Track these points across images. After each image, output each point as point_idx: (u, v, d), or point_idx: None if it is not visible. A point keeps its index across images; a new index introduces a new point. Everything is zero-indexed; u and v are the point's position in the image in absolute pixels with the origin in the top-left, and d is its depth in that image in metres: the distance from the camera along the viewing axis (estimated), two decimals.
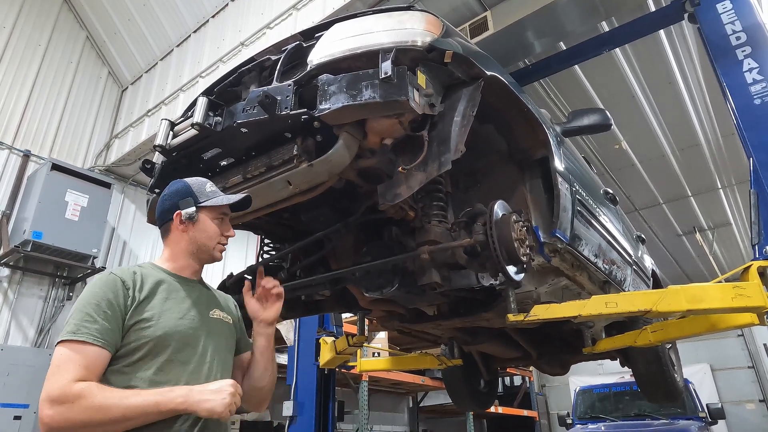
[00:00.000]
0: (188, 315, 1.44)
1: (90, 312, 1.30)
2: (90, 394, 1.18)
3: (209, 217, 1.54)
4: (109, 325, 1.30)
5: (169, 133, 1.91)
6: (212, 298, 1.61)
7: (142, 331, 1.33)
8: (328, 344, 3.92)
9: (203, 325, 1.47)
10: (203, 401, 1.25)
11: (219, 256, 1.56)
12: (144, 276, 1.46)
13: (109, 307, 1.32)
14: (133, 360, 1.32)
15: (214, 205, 1.54)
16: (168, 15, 6.94)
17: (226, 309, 1.63)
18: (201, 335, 1.44)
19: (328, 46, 1.77)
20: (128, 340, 1.33)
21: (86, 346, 1.25)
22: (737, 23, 3.37)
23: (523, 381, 10.01)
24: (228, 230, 1.58)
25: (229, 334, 1.57)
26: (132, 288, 1.39)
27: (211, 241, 1.54)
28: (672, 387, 3.51)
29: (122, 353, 1.32)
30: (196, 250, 1.54)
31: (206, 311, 1.52)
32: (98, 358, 1.26)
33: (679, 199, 8.06)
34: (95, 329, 1.27)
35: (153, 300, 1.40)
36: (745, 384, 9.98)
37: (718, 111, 6.19)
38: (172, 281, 1.50)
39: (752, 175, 2.90)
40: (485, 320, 2.56)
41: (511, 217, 1.84)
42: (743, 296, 2.02)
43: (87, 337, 1.25)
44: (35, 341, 5.98)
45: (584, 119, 2.80)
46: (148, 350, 1.33)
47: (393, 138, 1.77)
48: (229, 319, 1.60)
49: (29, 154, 6.56)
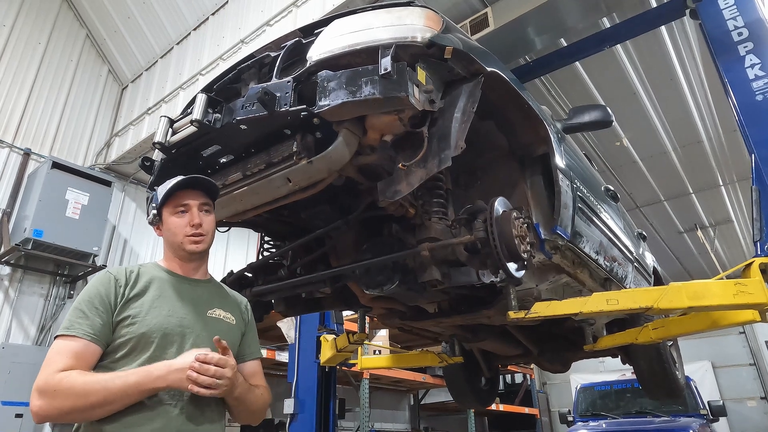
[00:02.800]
0: (178, 313, 1.43)
1: (83, 309, 1.35)
2: (70, 380, 1.23)
3: (168, 213, 1.54)
4: (101, 321, 1.34)
5: (169, 130, 1.90)
6: (216, 297, 1.58)
7: (127, 327, 1.36)
8: (329, 342, 3.92)
9: (196, 323, 1.45)
10: (181, 378, 1.27)
11: (192, 248, 1.52)
12: (140, 273, 1.47)
13: (100, 303, 1.36)
14: (118, 356, 1.34)
15: (160, 200, 1.53)
16: (168, 13, 6.93)
17: (232, 309, 1.60)
18: (191, 333, 1.42)
19: (327, 42, 1.76)
20: (116, 336, 1.36)
21: (77, 341, 1.30)
22: (739, 19, 3.35)
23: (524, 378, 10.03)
24: (192, 220, 1.51)
25: (229, 333, 1.53)
26: (124, 285, 1.42)
27: (176, 237, 1.52)
28: (673, 384, 3.51)
29: (110, 349, 1.35)
30: (171, 247, 1.55)
31: (204, 310, 1.50)
32: (87, 352, 1.30)
33: (680, 196, 8.05)
34: (87, 324, 1.32)
35: (143, 297, 1.42)
36: (746, 381, 9.98)
37: (719, 107, 6.17)
38: (169, 279, 1.51)
39: (754, 171, 2.89)
40: (486, 317, 2.55)
41: (512, 214, 1.84)
42: (745, 293, 2.01)
43: (77, 332, 1.31)
44: (36, 339, 5.98)
45: (585, 116, 2.79)
46: (131, 347, 1.34)
47: (393, 134, 1.76)
48: (231, 319, 1.56)
49: (30, 152, 6.55)
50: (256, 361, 1.63)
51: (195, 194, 1.55)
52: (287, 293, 2.50)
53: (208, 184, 1.59)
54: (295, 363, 5.00)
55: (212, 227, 1.58)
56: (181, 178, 1.54)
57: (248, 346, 1.62)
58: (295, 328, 5.15)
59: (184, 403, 1.34)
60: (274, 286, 2.39)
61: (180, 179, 1.53)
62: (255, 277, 2.53)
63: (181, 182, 1.52)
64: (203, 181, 1.58)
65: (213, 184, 1.61)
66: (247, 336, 1.62)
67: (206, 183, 1.58)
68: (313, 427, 4.63)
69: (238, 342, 1.57)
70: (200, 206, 1.55)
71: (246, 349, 1.60)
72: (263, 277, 2.51)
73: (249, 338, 1.63)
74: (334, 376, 4.99)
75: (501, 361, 4.30)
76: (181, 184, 1.53)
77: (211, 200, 1.61)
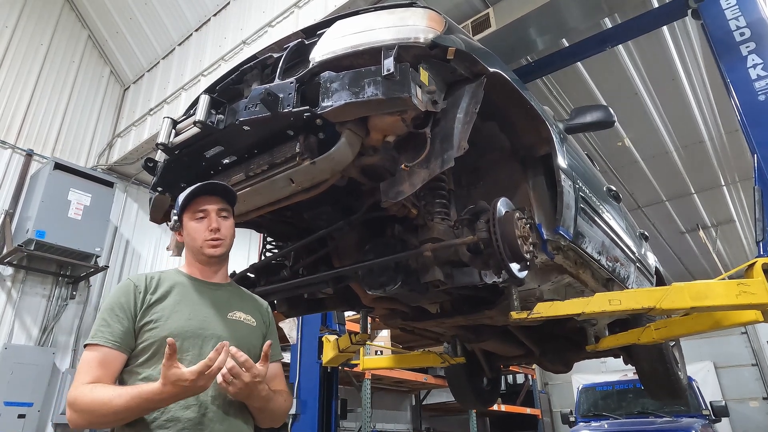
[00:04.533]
0: (199, 316, 1.46)
1: (105, 317, 1.41)
2: (83, 396, 1.28)
3: (188, 218, 1.58)
4: (122, 327, 1.39)
5: (172, 131, 1.91)
6: (236, 300, 1.61)
7: (150, 332, 1.40)
8: (331, 342, 3.93)
9: (217, 325, 1.48)
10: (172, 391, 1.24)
11: (210, 252, 1.56)
12: (161, 279, 1.52)
13: (121, 310, 1.41)
14: (142, 360, 1.39)
15: (180, 206, 1.57)
16: (170, 13, 6.94)
17: (252, 311, 1.62)
18: (212, 336, 1.44)
19: (330, 43, 1.77)
20: (140, 341, 1.40)
21: (101, 349, 1.36)
22: (741, 19, 3.35)
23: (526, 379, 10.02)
24: (210, 224, 1.55)
25: (250, 335, 1.56)
26: (144, 291, 1.46)
27: (196, 242, 1.56)
28: (675, 385, 3.50)
29: (135, 353, 1.40)
30: (192, 252, 1.60)
31: (224, 312, 1.53)
32: (111, 359, 1.36)
33: (682, 196, 8.04)
34: (108, 332, 1.37)
35: (164, 301, 1.46)
36: (748, 381, 9.95)
37: (721, 107, 6.16)
38: (190, 284, 1.55)
39: (756, 171, 2.89)
40: (488, 318, 2.55)
41: (514, 215, 1.84)
42: (747, 293, 2.01)
43: (101, 341, 1.37)
44: (39, 340, 5.99)
45: (587, 116, 2.79)
46: (154, 350, 1.38)
47: (395, 135, 1.76)
48: (251, 321, 1.59)
49: (32, 153, 6.57)
50: (277, 364, 1.65)
51: (213, 200, 1.59)
52: (289, 294, 2.50)
53: (227, 191, 1.63)
54: (297, 363, 5.01)
55: (230, 232, 1.61)
56: (200, 184, 1.58)
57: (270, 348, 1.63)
58: (297, 329, 5.16)
59: (206, 409, 1.36)
60: (277, 287, 2.39)
61: (199, 185, 1.58)
62: (257, 278, 2.53)
63: (199, 188, 1.57)
64: (221, 187, 1.62)
65: (231, 191, 1.65)
66: (267, 338, 1.63)
67: (224, 189, 1.63)
68: (315, 427, 4.63)
69: (259, 344, 1.56)
70: (218, 211, 1.59)
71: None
72: (266, 278, 2.52)
73: (270, 340, 1.64)
74: (336, 377, 5.00)
75: (503, 361, 4.29)
76: (199, 190, 1.57)
77: (230, 206, 1.64)
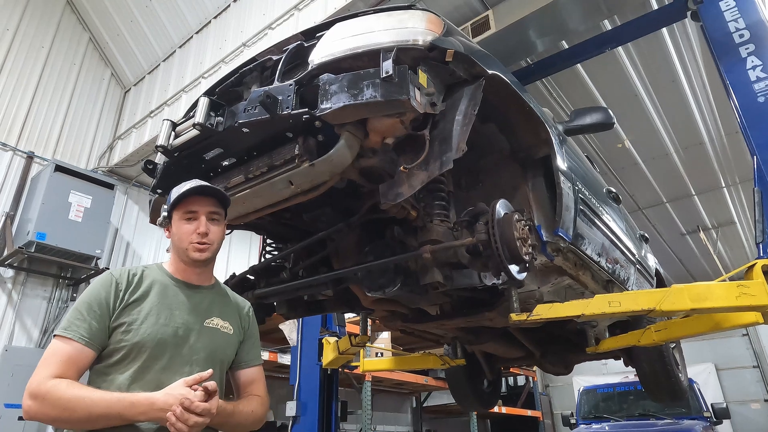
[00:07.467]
0: (175, 321, 1.42)
1: (82, 310, 1.36)
2: (59, 391, 1.24)
3: (177, 217, 1.52)
4: (97, 324, 1.35)
5: (171, 133, 1.91)
6: (216, 305, 1.56)
7: (123, 334, 1.36)
8: (331, 344, 3.92)
9: (192, 332, 1.44)
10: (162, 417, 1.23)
11: (195, 255, 1.49)
12: (143, 277, 1.47)
13: (99, 306, 1.37)
14: (112, 362, 1.35)
15: (171, 204, 1.51)
16: (170, 16, 6.95)
17: (231, 317, 1.57)
18: (185, 343, 1.42)
19: (329, 45, 1.77)
20: (111, 341, 1.36)
21: (72, 343, 1.32)
22: (740, 20, 3.35)
23: (527, 381, 9.99)
24: (198, 227, 1.49)
25: (225, 344, 1.51)
26: (125, 288, 1.42)
27: (182, 242, 1.50)
28: (676, 386, 3.49)
29: (105, 353, 1.36)
30: (177, 251, 1.54)
31: (201, 319, 1.49)
32: (80, 356, 1.32)
33: (682, 197, 8.03)
34: (83, 328, 1.33)
35: (143, 303, 1.42)
36: (750, 383, 9.94)
37: (721, 109, 6.16)
38: (171, 285, 1.50)
39: (756, 173, 2.89)
40: (488, 320, 2.55)
41: (514, 216, 1.84)
42: (748, 295, 2.01)
43: (74, 335, 1.32)
44: (39, 342, 5.99)
45: (587, 118, 2.79)
46: (124, 354, 1.35)
47: (394, 137, 1.77)
48: (229, 329, 1.54)
49: (33, 155, 6.58)
50: (256, 368, 1.60)
51: (206, 202, 1.52)
52: (289, 296, 2.51)
53: (220, 194, 1.57)
54: (297, 365, 5.00)
55: (219, 237, 1.54)
56: (194, 184, 1.52)
57: (247, 353, 1.59)
58: (297, 331, 5.15)
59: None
60: (277, 289, 2.39)
61: (192, 185, 1.51)
62: (257, 280, 2.53)
63: (192, 189, 1.50)
64: (215, 190, 1.56)
65: (224, 195, 1.59)
66: (246, 343, 1.60)
67: (218, 192, 1.56)
68: (315, 429, 4.62)
69: (233, 352, 1.55)
70: (209, 214, 1.52)
71: (244, 356, 1.58)
72: (265, 280, 2.52)
73: (248, 345, 1.61)
74: (336, 379, 4.99)
75: (503, 363, 4.29)
76: (192, 190, 1.50)
77: (222, 210, 1.57)
